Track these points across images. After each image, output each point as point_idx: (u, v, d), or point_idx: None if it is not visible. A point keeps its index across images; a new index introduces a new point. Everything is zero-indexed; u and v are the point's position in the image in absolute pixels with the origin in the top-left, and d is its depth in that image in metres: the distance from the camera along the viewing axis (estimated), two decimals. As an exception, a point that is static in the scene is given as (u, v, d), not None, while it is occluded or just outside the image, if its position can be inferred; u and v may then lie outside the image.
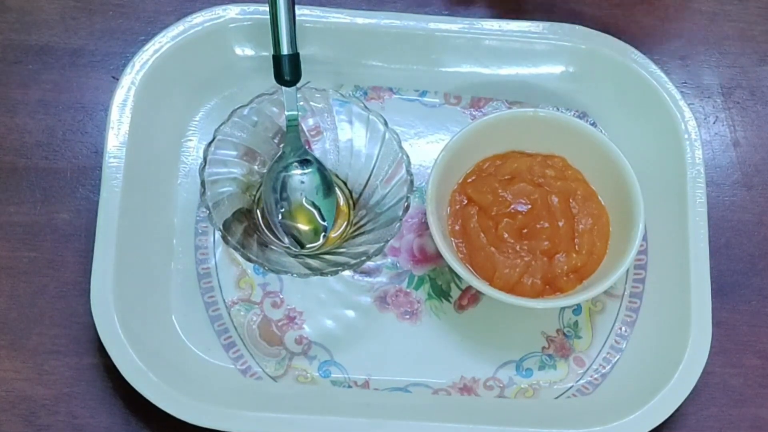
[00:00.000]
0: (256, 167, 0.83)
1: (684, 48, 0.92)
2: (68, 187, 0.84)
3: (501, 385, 0.81)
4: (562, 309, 0.83)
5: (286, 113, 0.82)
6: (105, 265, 0.78)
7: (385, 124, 0.81)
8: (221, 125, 0.80)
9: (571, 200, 0.82)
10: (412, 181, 0.79)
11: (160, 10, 0.90)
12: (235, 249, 0.77)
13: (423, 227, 0.84)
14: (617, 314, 0.83)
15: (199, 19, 0.86)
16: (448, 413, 0.79)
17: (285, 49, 0.81)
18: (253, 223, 0.82)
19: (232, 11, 0.87)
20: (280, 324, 0.82)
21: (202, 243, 0.83)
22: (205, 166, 0.79)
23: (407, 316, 0.82)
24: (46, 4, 0.90)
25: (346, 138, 0.83)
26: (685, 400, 0.78)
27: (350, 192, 0.84)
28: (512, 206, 0.81)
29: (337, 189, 0.84)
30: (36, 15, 0.89)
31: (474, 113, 0.88)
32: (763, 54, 0.92)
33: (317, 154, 0.84)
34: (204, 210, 0.78)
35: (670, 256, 0.83)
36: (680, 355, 0.79)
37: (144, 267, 0.81)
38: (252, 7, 0.87)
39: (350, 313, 0.82)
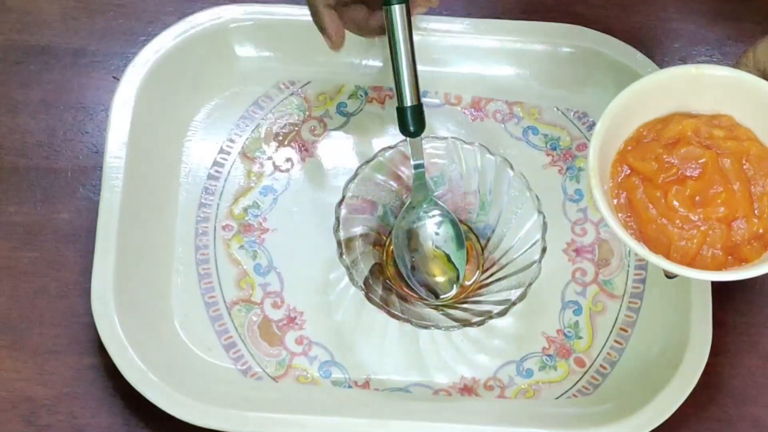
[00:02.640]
0: (380, 218, 0.83)
1: (684, 48, 0.92)
2: (69, 187, 0.84)
3: (501, 386, 0.81)
4: (563, 309, 0.83)
5: (413, 163, 0.80)
6: (105, 265, 0.78)
7: (511, 167, 0.81)
8: (349, 182, 0.80)
9: (744, 161, 0.73)
10: (545, 224, 0.79)
11: (160, 10, 0.90)
12: (380, 307, 0.77)
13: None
14: (617, 314, 0.83)
15: (200, 19, 0.86)
16: (449, 413, 0.79)
17: (408, 101, 0.79)
18: (386, 278, 0.82)
19: (233, 11, 0.87)
20: (280, 324, 0.82)
21: (202, 243, 0.83)
22: (339, 226, 0.79)
23: (407, 316, 0.82)
24: (47, 4, 0.90)
25: (472, 184, 0.84)
26: (685, 400, 0.78)
27: (477, 237, 0.84)
28: (680, 172, 0.73)
29: (463, 236, 0.84)
30: (37, 15, 0.90)
31: (474, 113, 0.89)
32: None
33: (443, 201, 0.84)
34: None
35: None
36: (680, 355, 0.79)
37: (144, 267, 0.81)
38: (252, 7, 0.87)
39: (351, 313, 0.82)
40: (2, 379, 0.79)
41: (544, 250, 0.79)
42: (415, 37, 0.87)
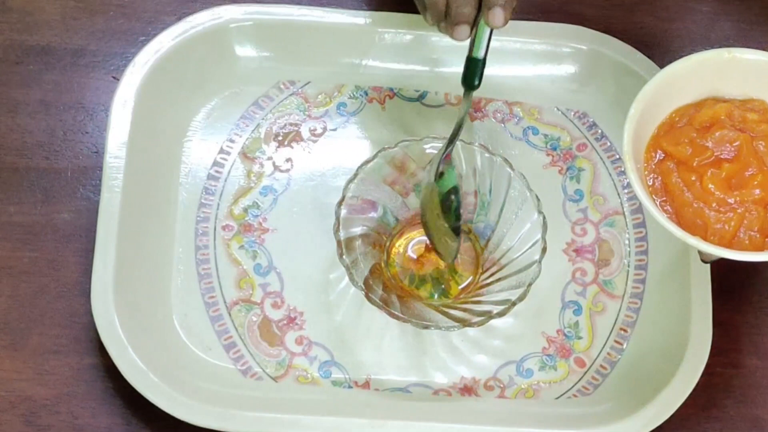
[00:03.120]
0: (380, 218, 0.83)
1: (684, 48, 0.92)
2: (69, 187, 0.84)
3: (501, 386, 0.81)
4: (563, 309, 0.83)
5: (462, 115, 0.80)
6: (105, 265, 0.78)
7: (511, 167, 0.81)
8: (349, 182, 0.80)
9: None
10: (545, 224, 0.79)
11: (160, 10, 0.90)
12: (380, 307, 0.77)
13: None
14: (617, 314, 0.83)
15: (200, 19, 0.86)
16: (449, 413, 0.79)
17: (482, 53, 0.79)
18: (386, 278, 0.82)
19: (233, 11, 0.87)
20: (280, 324, 0.82)
21: (202, 243, 0.83)
22: (339, 226, 0.79)
23: (407, 316, 0.82)
24: (48, 4, 0.90)
25: (472, 184, 0.84)
26: (685, 400, 0.78)
27: (477, 237, 0.84)
28: (715, 155, 0.73)
29: (463, 236, 0.84)
30: (37, 15, 0.90)
31: (475, 113, 0.89)
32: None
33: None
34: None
35: (670, 256, 0.83)
36: (680, 355, 0.79)
37: (144, 267, 0.81)
38: (252, 7, 0.87)
39: (351, 313, 0.82)
40: (2, 379, 0.79)
41: (544, 250, 0.79)
42: (416, 38, 0.88)
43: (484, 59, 0.79)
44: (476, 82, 0.80)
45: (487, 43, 0.78)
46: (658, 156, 0.74)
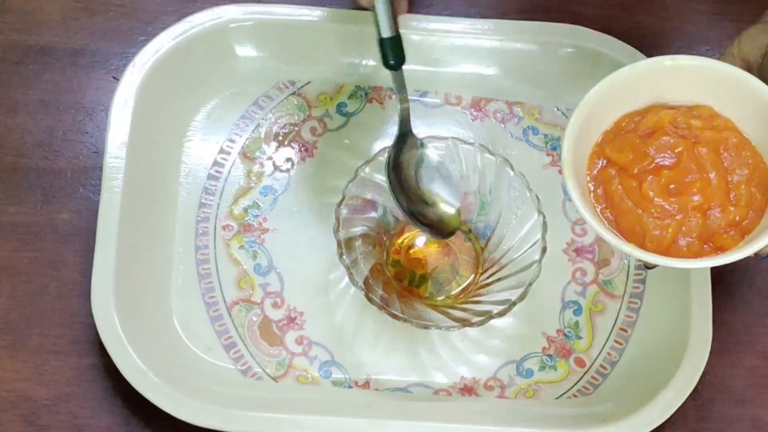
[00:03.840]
0: (380, 218, 0.83)
1: (684, 48, 0.92)
2: (69, 187, 0.84)
3: (501, 386, 0.81)
4: (563, 309, 0.83)
5: (399, 96, 0.80)
6: (105, 265, 0.78)
7: (511, 167, 0.81)
8: (349, 182, 0.80)
9: (722, 150, 0.73)
10: (545, 224, 0.79)
11: (160, 10, 0.90)
12: (380, 307, 0.77)
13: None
14: (617, 314, 0.84)
15: (200, 19, 0.86)
16: (449, 413, 0.79)
17: (385, 32, 0.79)
18: (386, 278, 0.82)
19: (233, 11, 0.87)
20: (280, 324, 0.82)
21: (202, 243, 0.83)
22: (339, 226, 0.79)
23: (407, 316, 0.82)
24: (47, 4, 0.90)
25: (472, 184, 0.84)
26: (685, 400, 0.78)
27: (477, 237, 0.84)
28: (655, 162, 0.72)
29: (463, 236, 0.84)
30: (37, 15, 0.89)
31: (475, 113, 0.89)
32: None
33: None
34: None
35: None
36: (680, 355, 0.79)
37: (144, 267, 0.81)
38: (252, 7, 0.87)
39: (351, 313, 0.82)
40: (2, 379, 0.79)
41: (544, 250, 0.79)
42: (415, 37, 0.88)
43: (396, 36, 0.79)
44: (391, 61, 0.80)
45: (389, 20, 0.79)
46: (600, 163, 0.74)
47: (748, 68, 0.73)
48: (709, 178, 0.71)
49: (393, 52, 0.79)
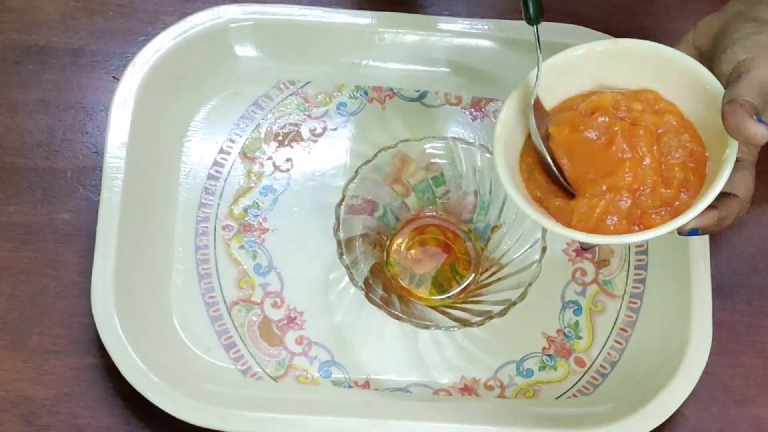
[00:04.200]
0: (380, 218, 0.83)
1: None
2: (69, 187, 0.84)
3: (501, 386, 0.81)
4: (563, 309, 0.83)
5: (539, 54, 0.74)
6: (105, 265, 0.78)
7: None
8: (349, 182, 0.80)
9: (660, 132, 0.72)
10: None
11: (160, 10, 0.90)
12: (380, 307, 0.77)
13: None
14: (617, 314, 0.83)
15: (200, 19, 0.86)
16: (449, 413, 0.79)
17: None
18: (386, 278, 0.82)
19: (233, 11, 0.87)
20: (280, 324, 0.82)
21: (202, 243, 0.83)
22: (339, 226, 0.79)
23: (407, 316, 0.82)
24: (47, 4, 0.90)
25: (472, 184, 0.83)
26: (686, 400, 0.78)
27: (477, 237, 0.84)
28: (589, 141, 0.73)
29: (463, 236, 0.84)
30: (37, 15, 0.89)
31: (474, 113, 0.89)
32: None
33: (443, 201, 0.84)
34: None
35: (670, 256, 0.83)
36: (680, 355, 0.79)
37: (144, 267, 0.81)
38: (252, 7, 0.87)
39: (351, 313, 0.82)
40: (2, 379, 0.79)
41: (544, 249, 0.79)
42: (415, 38, 0.88)
43: None
44: (532, 15, 0.74)
45: None
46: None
47: (700, 56, 0.73)
48: (641, 159, 0.71)
49: (535, 5, 0.74)
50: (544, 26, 0.88)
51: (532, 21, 0.74)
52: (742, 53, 0.70)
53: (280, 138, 0.87)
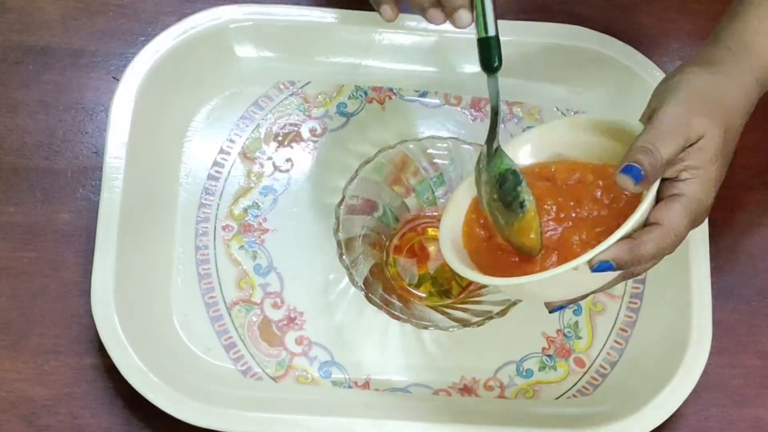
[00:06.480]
0: (380, 218, 0.83)
1: (684, 48, 0.92)
2: (69, 188, 0.84)
3: (501, 386, 0.81)
4: (563, 309, 0.83)
5: (492, 104, 0.72)
6: (105, 265, 0.78)
7: None
8: (349, 182, 0.80)
9: (575, 201, 0.73)
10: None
11: (160, 10, 0.90)
12: (380, 307, 0.77)
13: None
14: (617, 315, 0.83)
15: (199, 19, 0.86)
16: (448, 413, 0.79)
17: (491, 30, 0.71)
18: (386, 278, 0.82)
19: (232, 11, 0.87)
20: (280, 324, 0.82)
21: (202, 243, 0.83)
22: (339, 226, 0.79)
23: (407, 317, 0.82)
24: (47, 4, 0.90)
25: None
26: (685, 400, 0.78)
27: None
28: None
29: None
30: (37, 16, 0.90)
31: (474, 113, 0.89)
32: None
33: (444, 201, 0.84)
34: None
35: (670, 257, 0.83)
36: (680, 355, 0.79)
37: (144, 267, 0.81)
38: (252, 8, 0.87)
39: (351, 313, 0.82)
40: (2, 379, 0.79)
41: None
42: (415, 38, 0.88)
43: (496, 36, 0.71)
44: (495, 63, 0.71)
45: (493, 17, 0.71)
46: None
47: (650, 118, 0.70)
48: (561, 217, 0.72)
49: (497, 52, 0.71)
50: (545, 26, 0.88)
51: (494, 70, 0.72)
52: (655, 102, 0.70)
53: (280, 138, 0.87)
